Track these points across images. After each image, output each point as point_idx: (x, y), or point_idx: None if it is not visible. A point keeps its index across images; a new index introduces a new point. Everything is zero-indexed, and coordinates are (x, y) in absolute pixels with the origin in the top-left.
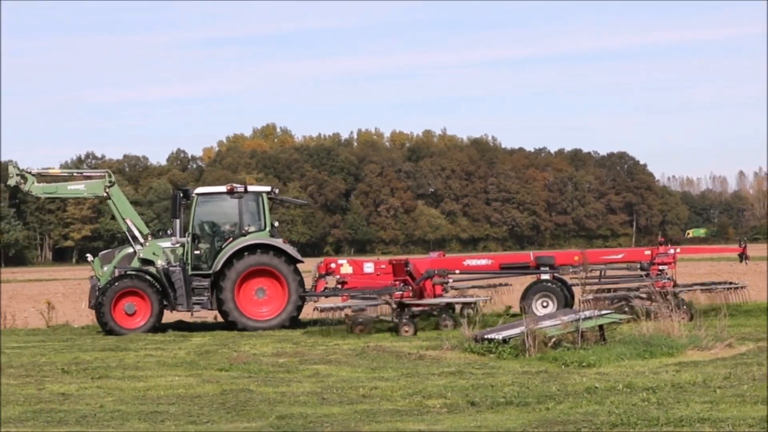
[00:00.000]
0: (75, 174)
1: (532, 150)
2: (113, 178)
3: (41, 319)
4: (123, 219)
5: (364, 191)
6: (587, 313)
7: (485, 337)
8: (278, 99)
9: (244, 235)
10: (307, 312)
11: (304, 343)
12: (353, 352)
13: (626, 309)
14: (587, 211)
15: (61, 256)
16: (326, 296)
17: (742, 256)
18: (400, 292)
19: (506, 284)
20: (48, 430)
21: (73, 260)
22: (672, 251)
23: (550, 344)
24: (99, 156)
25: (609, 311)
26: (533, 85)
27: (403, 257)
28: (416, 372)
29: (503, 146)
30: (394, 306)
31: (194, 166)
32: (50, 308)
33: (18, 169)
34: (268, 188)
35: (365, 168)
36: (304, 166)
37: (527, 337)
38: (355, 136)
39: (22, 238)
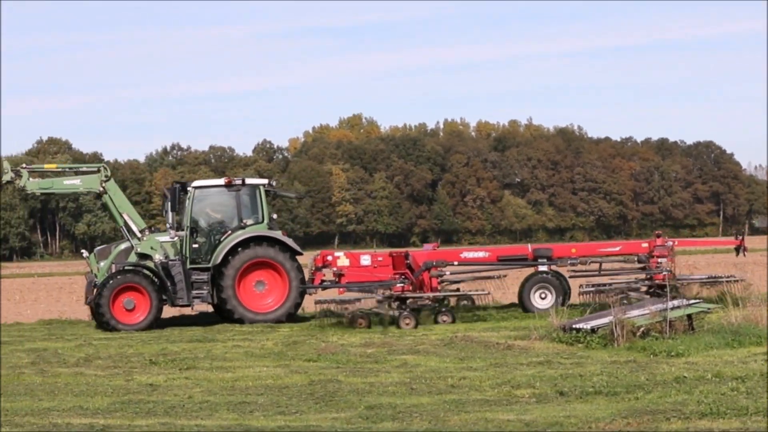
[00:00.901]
0: (68, 170)
1: (619, 139)
2: (109, 173)
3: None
4: (120, 214)
5: (450, 181)
6: (675, 303)
7: (573, 326)
8: (364, 89)
9: (243, 228)
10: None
11: (392, 333)
12: (441, 342)
13: (625, 302)
14: (674, 200)
15: None
16: (338, 289)
17: (739, 249)
18: (401, 285)
19: (501, 276)
20: (136, 421)
21: None
22: (669, 243)
23: (638, 334)
24: (185, 147)
25: (697, 300)
26: (619, 75)
27: (403, 249)
28: (505, 362)
29: (589, 136)
30: (382, 299)
31: (280, 156)
32: None
33: (12, 165)
34: (265, 181)
35: (451, 158)
36: (391, 157)
37: (615, 326)
38: (441, 126)
39: (108, 230)
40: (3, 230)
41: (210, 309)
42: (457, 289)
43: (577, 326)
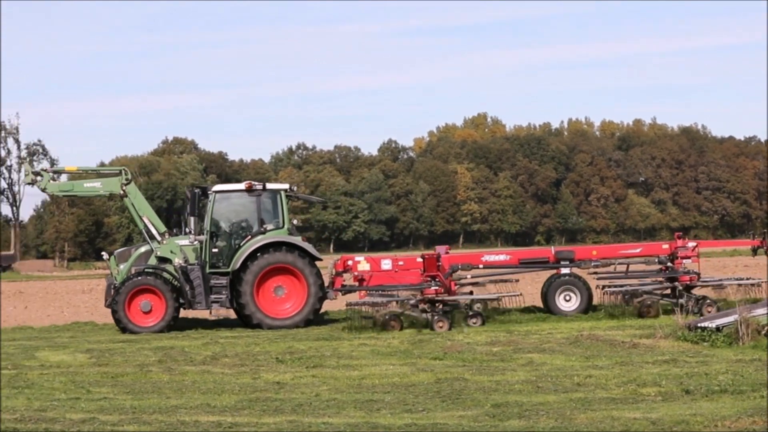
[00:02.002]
0: (90, 172)
1: (742, 138)
2: (130, 176)
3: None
4: (140, 217)
5: (574, 180)
6: None
7: (698, 325)
8: (489, 88)
9: (263, 233)
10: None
11: (518, 331)
12: (567, 340)
13: (649, 303)
14: None
15: None
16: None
17: (756, 250)
18: (435, 288)
19: (514, 280)
20: (263, 419)
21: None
22: (691, 245)
23: (763, 332)
24: (310, 146)
25: None
26: (743, 73)
27: (435, 252)
28: (630, 360)
29: (713, 135)
30: (414, 302)
31: (405, 156)
32: None
33: (33, 167)
34: (286, 186)
35: (576, 157)
36: (515, 156)
37: (740, 325)
38: (566, 126)
39: None
40: (127, 229)
41: (232, 314)
42: (471, 292)
43: (702, 325)
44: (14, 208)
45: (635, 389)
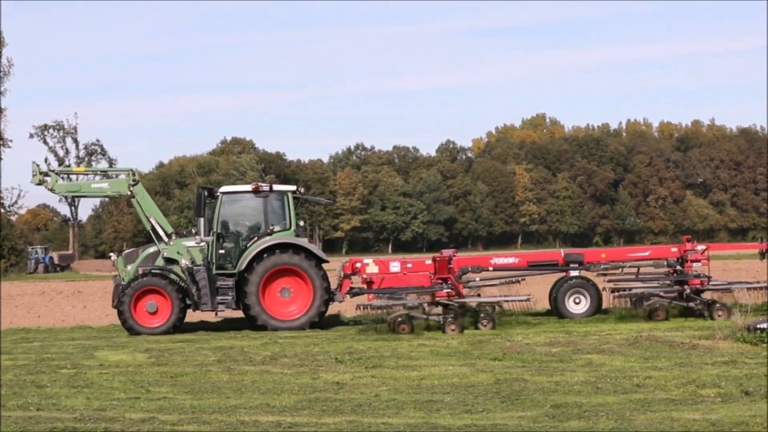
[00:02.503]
0: (100, 173)
1: None
2: (137, 177)
3: None
4: (147, 218)
5: (632, 181)
6: None
7: (757, 326)
8: (548, 89)
9: (269, 234)
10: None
11: (576, 332)
12: (626, 341)
13: (657, 306)
14: None
15: (331, 247)
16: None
17: (764, 253)
18: (446, 291)
19: (520, 280)
20: (323, 419)
21: (343, 251)
22: (700, 248)
23: None
24: (368, 147)
25: None
26: None
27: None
28: (689, 362)
29: None
30: (418, 305)
31: (464, 156)
32: None
33: (40, 168)
34: (293, 187)
35: (634, 158)
36: (574, 157)
37: None
38: (624, 127)
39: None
40: (186, 229)
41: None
42: (478, 295)
43: (762, 326)
44: (73, 208)
45: (694, 390)
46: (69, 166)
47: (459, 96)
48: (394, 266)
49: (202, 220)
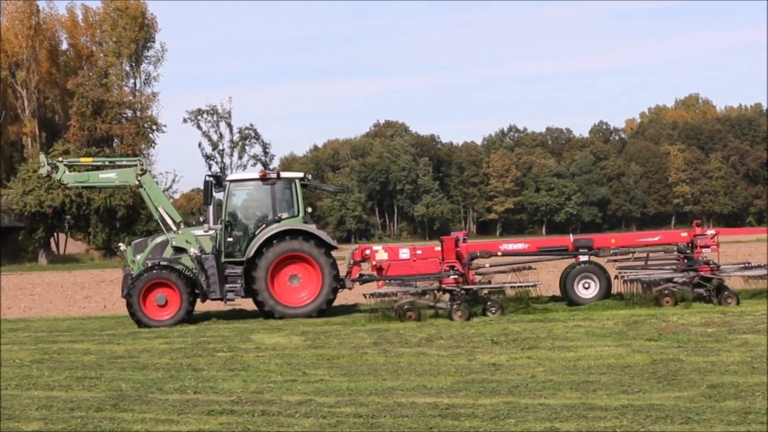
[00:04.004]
0: (108, 163)
1: None
2: (145, 166)
3: None
4: (155, 207)
5: None
6: None
7: None
8: (700, 69)
9: (278, 221)
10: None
11: (732, 312)
12: None
13: (667, 292)
14: None
15: (484, 229)
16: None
17: None
18: (454, 277)
19: (531, 267)
20: (480, 400)
21: (497, 233)
22: (710, 233)
23: None
24: (521, 129)
25: None
26: None
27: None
28: None
29: None
30: (420, 291)
31: (616, 138)
32: None
33: (49, 159)
34: (300, 174)
35: None
36: (726, 137)
37: None
38: None
39: (446, 211)
40: (339, 212)
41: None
42: (489, 281)
43: None
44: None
45: None
46: (223, 150)
47: (612, 77)
48: (404, 253)
49: (210, 208)
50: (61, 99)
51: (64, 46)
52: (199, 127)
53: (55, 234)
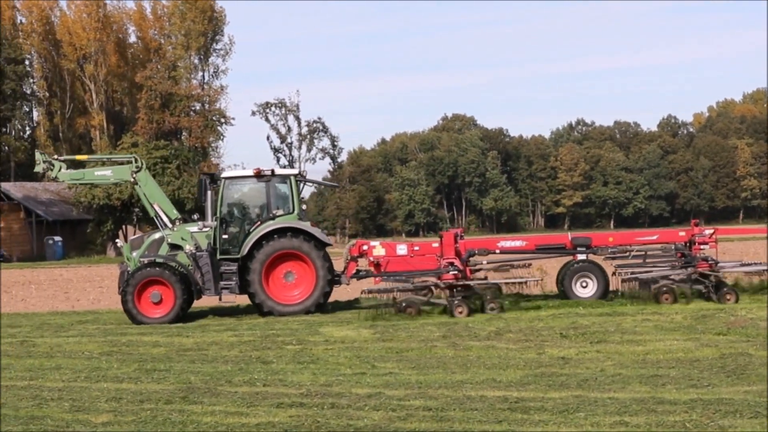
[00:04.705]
0: (106, 161)
1: None
2: (140, 163)
3: None
4: (150, 204)
5: None
6: None
7: None
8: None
9: (273, 218)
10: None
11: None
12: None
13: (665, 290)
14: None
15: (552, 223)
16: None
17: None
18: (453, 273)
19: (528, 264)
20: (549, 394)
21: (565, 226)
22: (708, 232)
23: None
24: (589, 122)
25: None
26: None
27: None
28: None
29: None
30: (416, 287)
31: (684, 132)
32: None
33: (45, 156)
34: (296, 171)
35: None
36: None
37: None
38: None
39: (514, 205)
40: (408, 206)
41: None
42: (485, 278)
43: None
44: None
45: None
46: (291, 143)
47: (680, 71)
48: (401, 249)
49: (208, 204)
50: (129, 92)
51: (132, 39)
52: (267, 120)
53: (124, 226)
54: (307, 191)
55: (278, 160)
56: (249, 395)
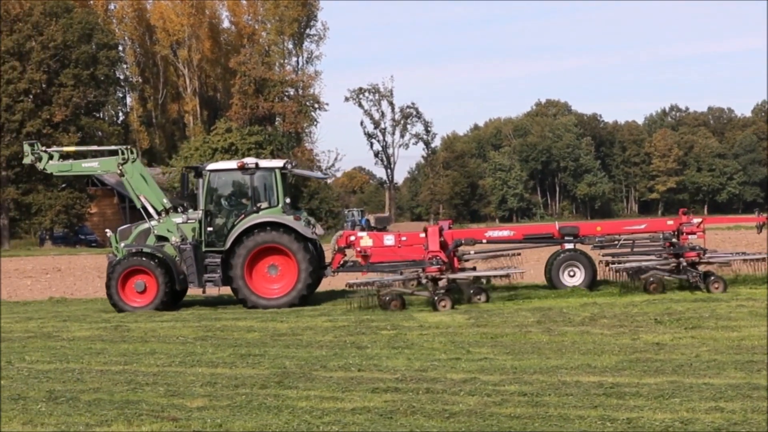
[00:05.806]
0: (94, 152)
1: None
2: (127, 155)
3: None
4: (137, 196)
5: None
6: None
7: None
8: None
9: (257, 211)
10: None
11: None
12: None
13: (653, 280)
14: None
15: (646, 208)
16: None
17: (761, 226)
18: (437, 267)
19: (517, 253)
20: (644, 379)
21: (659, 212)
22: (696, 221)
23: None
24: (682, 108)
25: None
26: None
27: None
28: None
29: None
30: (404, 279)
31: None
32: None
33: (33, 147)
34: (280, 163)
35: None
36: None
37: None
38: None
39: (608, 191)
40: (501, 191)
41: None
42: (474, 269)
43: None
44: (388, 170)
45: None
46: (385, 129)
47: None
48: (388, 239)
49: (198, 196)
50: (223, 77)
51: (225, 24)
52: (360, 105)
53: None
54: (401, 176)
55: (371, 145)
56: (344, 380)
